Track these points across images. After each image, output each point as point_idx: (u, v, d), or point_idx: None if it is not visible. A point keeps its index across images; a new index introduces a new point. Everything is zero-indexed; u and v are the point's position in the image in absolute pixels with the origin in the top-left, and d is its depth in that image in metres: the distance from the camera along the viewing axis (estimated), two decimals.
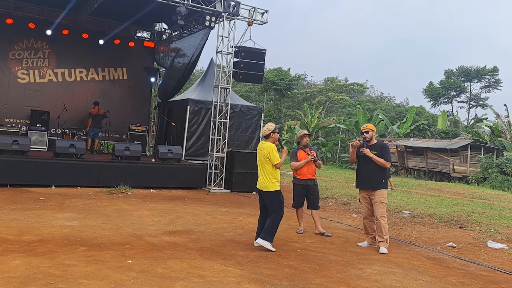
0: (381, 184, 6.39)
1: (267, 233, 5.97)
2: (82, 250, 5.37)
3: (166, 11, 12.12)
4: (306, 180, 7.16)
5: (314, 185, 7.25)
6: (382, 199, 6.33)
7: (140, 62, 16.58)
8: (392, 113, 42.11)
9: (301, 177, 7.17)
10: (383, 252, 6.25)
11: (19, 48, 14.95)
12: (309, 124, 33.09)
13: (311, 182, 7.18)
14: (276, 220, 6.05)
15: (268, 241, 5.95)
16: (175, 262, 5.06)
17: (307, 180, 7.16)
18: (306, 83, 55.10)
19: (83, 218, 7.35)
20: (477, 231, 8.22)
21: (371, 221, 6.53)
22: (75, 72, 15.81)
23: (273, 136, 6.20)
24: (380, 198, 6.33)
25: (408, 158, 27.86)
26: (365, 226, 6.73)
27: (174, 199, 10.31)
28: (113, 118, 14.95)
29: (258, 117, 14.55)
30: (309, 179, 7.16)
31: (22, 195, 9.36)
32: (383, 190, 6.38)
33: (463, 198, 13.32)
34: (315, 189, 7.27)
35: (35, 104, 14.88)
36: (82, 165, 11.17)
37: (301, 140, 7.27)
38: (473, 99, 49.01)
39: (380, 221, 6.30)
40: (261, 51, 12.33)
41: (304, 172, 7.15)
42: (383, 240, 6.34)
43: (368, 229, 6.64)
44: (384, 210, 6.37)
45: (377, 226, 6.38)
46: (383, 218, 6.32)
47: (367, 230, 6.69)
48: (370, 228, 6.60)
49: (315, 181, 7.28)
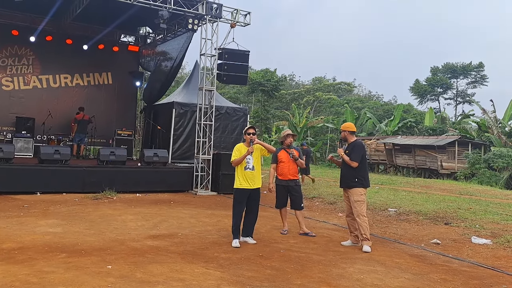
0: (354, 183, 6.43)
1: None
2: (62, 256, 5.32)
3: (150, 15, 12.09)
4: (287, 180, 7.12)
5: (296, 186, 7.20)
6: (355, 197, 6.39)
7: (125, 66, 16.53)
8: (380, 111, 42.33)
9: (282, 178, 7.14)
10: (366, 250, 6.27)
11: (2, 56, 14.84)
12: (298, 124, 33.17)
13: (292, 182, 7.13)
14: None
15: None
16: (155, 266, 5.04)
17: (288, 181, 7.12)
18: (295, 83, 55.26)
19: (66, 225, 7.28)
20: (462, 227, 8.28)
21: (353, 219, 6.57)
22: (59, 78, 15.73)
23: (245, 137, 6.52)
24: (354, 196, 6.40)
25: (397, 156, 28.02)
26: (348, 224, 6.77)
27: (160, 202, 10.27)
28: (99, 123, 14.87)
29: (244, 118, 14.56)
30: (290, 179, 7.12)
31: (6, 203, 9.25)
32: (356, 189, 6.41)
33: (450, 195, 13.42)
34: (297, 189, 7.22)
35: (20, 111, 14.78)
36: (67, 171, 11.08)
37: (285, 140, 7.23)
38: (460, 95, 49.54)
39: (357, 220, 6.37)
40: (244, 53, 12.35)
41: (285, 173, 7.10)
42: (364, 239, 6.38)
43: (351, 227, 6.68)
44: (360, 209, 6.39)
45: (357, 225, 6.45)
46: (360, 216, 6.36)
47: (350, 229, 6.74)
48: (352, 226, 6.65)
49: (297, 181, 7.25)
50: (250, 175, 6.38)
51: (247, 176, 6.38)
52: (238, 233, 6.42)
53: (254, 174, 6.40)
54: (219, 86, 38.76)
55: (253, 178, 6.40)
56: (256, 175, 6.45)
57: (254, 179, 6.41)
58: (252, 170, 6.40)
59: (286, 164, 7.10)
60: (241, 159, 6.36)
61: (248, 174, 6.38)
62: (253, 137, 6.39)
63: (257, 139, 6.47)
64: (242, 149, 6.45)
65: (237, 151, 6.46)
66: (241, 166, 6.39)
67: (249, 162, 6.39)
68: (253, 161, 6.41)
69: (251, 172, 6.38)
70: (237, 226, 6.41)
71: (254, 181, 6.41)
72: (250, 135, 6.40)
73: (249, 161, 6.40)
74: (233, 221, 6.43)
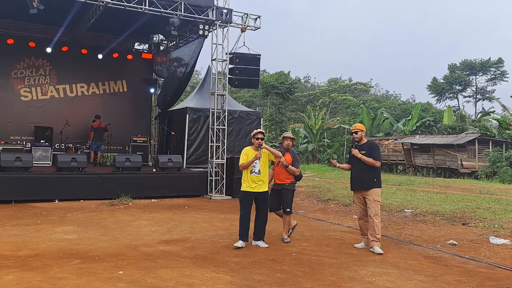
0: (374, 183, 6.38)
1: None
2: (75, 262, 5.41)
3: (161, 22, 12.22)
4: (275, 184, 6.97)
5: (283, 189, 6.92)
6: (375, 198, 6.33)
7: (139, 74, 16.73)
8: (398, 110, 41.83)
9: (274, 181, 7.04)
10: (377, 251, 6.21)
11: (20, 67, 15.20)
12: (313, 126, 33.02)
13: (279, 186, 6.92)
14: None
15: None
16: (166, 271, 5.08)
17: (275, 185, 6.97)
18: (310, 85, 55.06)
19: (81, 231, 7.40)
20: (481, 227, 8.10)
21: (366, 221, 6.50)
22: (76, 87, 16.02)
23: (253, 141, 6.53)
24: (374, 196, 6.33)
25: (415, 156, 27.61)
26: (360, 227, 6.69)
27: (174, 208, 10.34)
28: (115, 130, 15.09)
29: (258, 122, 14.57)
30: (277, 183, 6.94)
31: (25, 211, 9.46)
32: (376, 189, 6.38)
33: (469, 194, 13.15)
34: (284, 193, 6.94)
35: (38, 121, 15.10)
36: (84, 178, 11.28)
37: (282, 143, 7.11)
38: (479, 92, 48.57)
39: (373, 219, 6.29)
40: (255, 56, 12.38)
41: (274, 177, 6.97)
42: (376, 240, 6.31)
43: (364, 229, 6.60)
44: (377, 209, 6.35)
45: (370, 225, 6.36)
46: (376, 217, 6.30)
47: (363, 231, 6.65)
48: (365, 228, 6.57)
49: (285, 185, 6.93)
50: (256, 179, 6.41)
51: (253, 180, 6.42)
52: (245, 235, 6.47)
53: (260, 178, 6.43)
54: (234, 91, 38.96)
55: (258, 182, 6.42)
56: (262, 179, 6.46)
57: (260, 183, 6.43)
58: (258, 174, 6.43)
59: (278, 168, 6.95)
60: (248, 164, 6.40)
61: (254, 177, 6.42)
62: (261, 142, 6.42)
63: (264, 144, 6.48)
64: (250, 153, 6.49)
65: (245, 155, 6.52)
66: (247, 170, 6.44)
67: (256, 166, 6.42)
68: (259, 165, 6.43)
69: (257, 176, 6.42)
70: (243, 229, 6.47)
71: (260, 184, 6.43)
72: (259, 140, 6.41)
73: (255, 165, 6.43)
74: (239, 223, 6.51)
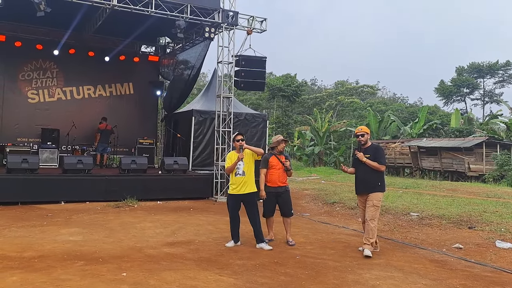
0: (378, 187, 6.33)
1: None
2: (79, 264, 5.42)
3: (168, 25, 12.27)
4: (276, 187, 6.86)
5: (286, 192, 6.92)
6: (375, 202, 6.27)
7: (146, 76, 16.80)
8: (405, 113, 41.66)
9: (271, 185, 6.85)
10: (368, 254, 6.14)
11: (28, 69, 15.32)
12: (320, 129, 32.96)
13: (281, 189, 6.87)
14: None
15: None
16: (169, 273, 5.08)
17: (277, 188, 6.86)
18: (317, 87, 55.00)
19: (86, 233, 7.43)
20: (487, 231, 8.03)
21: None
22: (83, 90, 16.11)
23: (234, 144, 6.63)
24: (374, 201, 6.27)
25: (422, 159, 27.44)
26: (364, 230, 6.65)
27: (180, 210, 10.35)
28: (121, 132, 15.15)
29: (264, 124, 14.55)
30: (279, 186, 6.86)
31: (31, 212, 9.51)
32: (379, 193, 6.33)
33: (476, 197, 13.04)
34: (286, 195, 6.94)
35: (45, 123, 15.18)
36: (89, 180, 11.32)
37: (277, 146, 6.95)
38: (487, 95, 48.24)
39: (369, 223, 6.24)
40: (261, 59, 12.38)
41: (275, 180, 6.85)
42: (369, 243, 6.25)
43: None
44: (375, 213, 6.28)
45: (366, 228, 6.34)
46: (372, 221, 6.24)
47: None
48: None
49: (287, 187, 6.95)
50: (241, 181, 6.49)
51: (238, 182, 6.51)
52: (236, 236, 6.68)
53: (244, 179, 6.49)
54: (240, 93, 39.03)
55: (243, 184, 6.49)
56: (247, 180, 6.51)
57: (245, 185, 6.50)
58: (243, 175, 6.49)
59: (277, 171, 6.85)
60: (232, 167, 6.49)
61: (238, 180, 6.51)
62: (241, 143, 6.48)
63: (245, 144, 6.54)
64: (233, 156, 6.59)
65: (229, 159, 6.64)
66: (232, 173, 6.54)
67: (239, 168, 6.50)
68: (243, 167, 6.48)
69: (241, 177, 6.49)
70: (233, 231, 6.65)
71: (245, 186, 6.49)
72: (239, 142, 6.49)
73: (239, 167, 6.51)
74: (230, 226, 6.72)
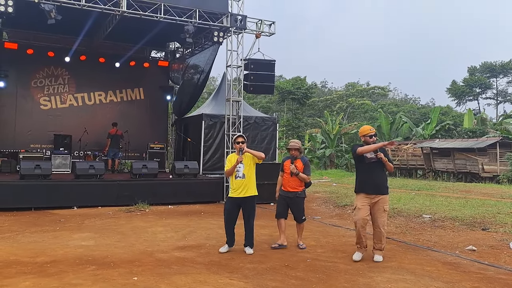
0: (387, 189, 6.17)
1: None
2: (91, 269, 5.46)
3: (177, 30, 12.36)
4: (286, 192, 6.85)
5: (297, 198, 6.85)
6: (386, 207, 6.04)
7: (156, 81, 16.94)
8: (417, 114, 41.32)
9: (283, 189, 6.91)
10: (379, 260, 5.97)
11: (40, 76, 15.57)
12: (331, 131, 32.82)
13: (291, 194, 6.82)
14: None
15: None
16: (180, 277, 5.09)
17: (287, 192, 6.85)
18: (327, 90, 54.84)
19: (98, 237, 7.48)
20: (501, 232, 7.92)
21: (366, 230, 6.07)
22: (94, 96, 16.32)
23: (234, 146, 6.52)
24: (385, 206, 6.04)
25: (435, 160, 27.13)
26: (359, 235, 6.08)
27: (191, 214, 10.38)
28: (132, 137, 15.28)
29: (274, 127, 14.55)
30: (289, 191, 6.82)
31: (44, 218, 9.62)
32: (387, 197, 6.14)
33: (490, 199, 12.87)
34: (297, 201, 6.87)
35: (57, 129, 15.39)
36: (101, 185, 11.42)
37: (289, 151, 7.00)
38: (500, 95, 47.63)
39: (381, 230, 6.00)
40: (270, 62, 12.40)
41: (285, 184, 6.87)
42: (381, 249, 6.06)
43: (362, 238, 6.08)
44: (386, 219, 6.11)
45: (377, 234, 6.05)
46: (384, 227, 6.04)
47: (360, 239, 6.10)
48: (364, 237, 6.07)
49: (298, 193, 6.86)
50: (241, 184, 6.39)
51: (238, 185, 6.42)
52: (231, 240, 6.55)
53: (245, 182, 6.39)
54: (250, 97, 39.07)
55: (243, 187, 6.39)
56: (248, 183, 6.41)
57: (245, 188, 6.39)
58: (243, 178, 6.39)
59: (287, 175, 6.84)
60: (232, 169, 6.41)
61: (238, 182, 6.41)
62: (242, 146, 6.41)
63: (246, 148, 6.46)
64: (233, 158, 6.51)
65: (229, 161, 6.57)
66: (232, 176, 6.45)
67: (239, 171, 6.40)
68: (243, 169, 6.39)
69: (241, 180, 6.39)
70: (227, 234, 6.55)
71: (245, 189, 6.39)
72: (240, 144, 6.41)
73: (239, 170, 6.41)
74: (225, 229, 6.60)
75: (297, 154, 6.89)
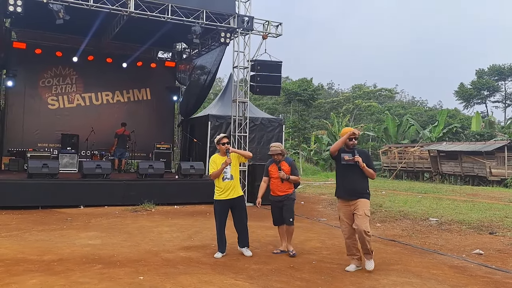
0: (367, 194, 5.73)
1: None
2: (98, 268, 5.49)
3: (184, 31, 12.40)
4: (277, 197, 6.71)
5: (287, 200, 6.69)
6: (366, 211, 5.58)
7: (163, 82, 17.00)
8: (424, 117, 41.14)
9: (273, 194, 6.74)
10: (370, 267, 5.62)
11: (48, 76, 15.67)
12: (337, 133, 32.75)
13: (280, 198, 6.67)
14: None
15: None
16: (185, 277, 5.10)
17: (277, 197, 6.71)
18: (334, 91, 54.74)
19: (105, 237, 7.51)
20: (508, 236, 7.87)
21: (355, 240, 5.71)
22: (101, 96, 16.41)
23: (218, 147, 6.30)
24: (365, 210, 5.55)
25: (442, 163, 27.01)
26: (349, 246, 5.77)
27: (196, 214, 10.40)
28: (138, 137, 15.34)
29: (280, 128, 14.55)
30: (280, 195, 6.68)
31: (51, 216, 9.67)
32: (367, 201, 5.67)
33: (498, 202, 12.79)
34: (287, 203, 6.69)
35: (65, 128, 15.48)
36: (108, 185, 11.47)
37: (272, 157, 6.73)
38: (509, 98, 47.26)
39: (366, 237, 5.49)
40: (277, 63, 12.40)
41: (274, 189, 6.69)
42: (369, 253, 5.65)
43: (353, 249, 5.75)
44: (368, 224, 5.62)
45: (361, 240, 5.56)
46: (369, 233, 5.53)
47: (351, 251, 5.78)
48: (354, 248, 5.75)
49: (289, 195, 6.70)
50: (229, 185, 6.20)
51: (226, 187, 6.20)
52: (222, 245, 6.30)
53: (233, 183, 6.22)
54: (257, 98, 39.08)
55: (232, 188, 6.22)
56: (235, 184, 6.27)
57: (233, 189, 6.23)
58: (231, 179, 6.21)
59: (274, 180, 6.66)
60: (219, 172, 6.14)
61: (227, 184, 6.20)
62: (227, 147, 6.21)
63: (231, 148, 6.30)
64: (218, 160, 6.24)
65: (213, 163, 6.26)
66: (219, 178, 6.21)
67: (227, 172, 6.20)
68: (230, 170, 6.21)
69: (230, 181, 6.20)
70: (220, 238, 6.30)
71: (234, 190, 6.24)
72: (225, 145, 6.21)
73: (226, 171, 6.19)
74: (216, 233, 6.35)
75: (280, 158, 6.65)
